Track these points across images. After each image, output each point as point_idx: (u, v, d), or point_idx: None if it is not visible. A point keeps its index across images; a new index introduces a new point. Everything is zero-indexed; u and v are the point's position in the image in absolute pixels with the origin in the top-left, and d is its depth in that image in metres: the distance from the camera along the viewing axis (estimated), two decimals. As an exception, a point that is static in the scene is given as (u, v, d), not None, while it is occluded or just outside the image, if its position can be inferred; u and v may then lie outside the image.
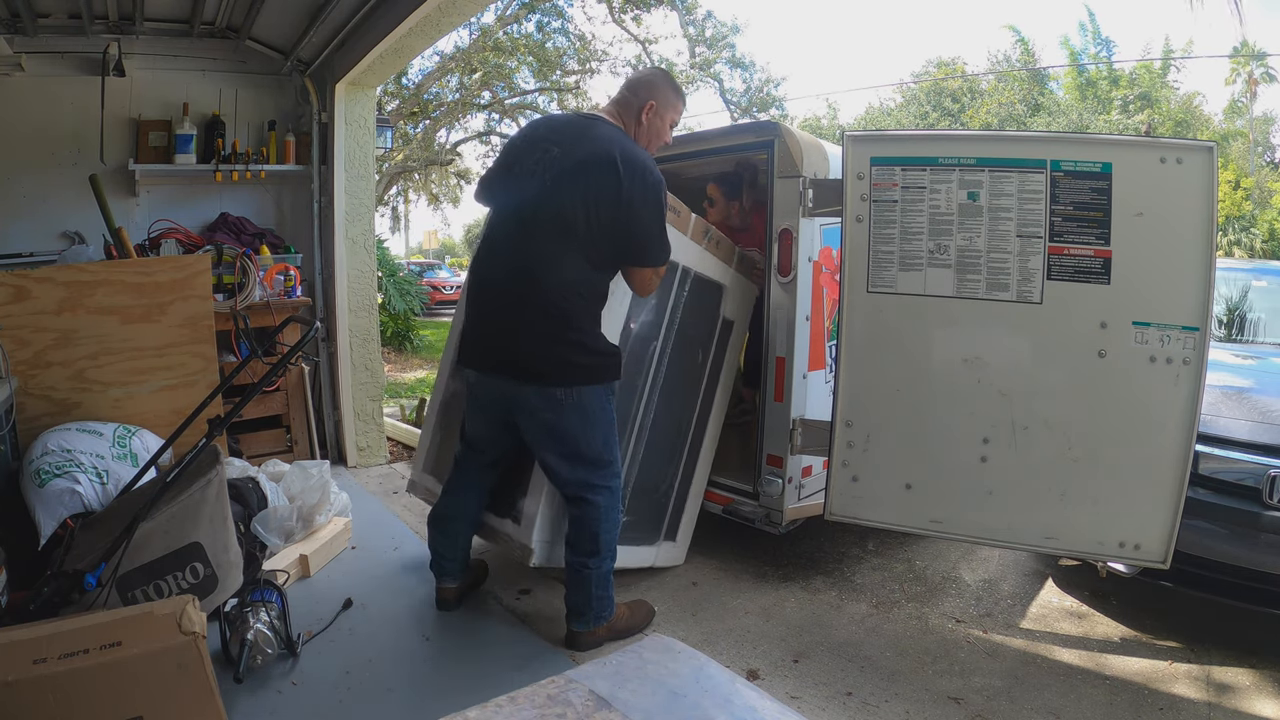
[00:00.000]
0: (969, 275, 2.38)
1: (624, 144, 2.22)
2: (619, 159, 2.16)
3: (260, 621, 2.26)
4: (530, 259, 2.22)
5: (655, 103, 2.34)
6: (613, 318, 2.55)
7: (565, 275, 2.20)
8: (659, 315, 2.81)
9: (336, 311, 4.36)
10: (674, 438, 2.98)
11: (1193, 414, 2.19)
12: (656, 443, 2.88)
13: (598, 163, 2.16)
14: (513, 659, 2.40)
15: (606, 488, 2.40)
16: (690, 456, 3.04)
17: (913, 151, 2.43)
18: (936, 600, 2.92)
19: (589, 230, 2.17)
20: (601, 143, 2.20)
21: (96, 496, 2.51)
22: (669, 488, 2.98)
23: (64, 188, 3.89)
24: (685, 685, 1.16)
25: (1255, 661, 2.44)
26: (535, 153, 2.27)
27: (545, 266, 2.20)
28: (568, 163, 2.19)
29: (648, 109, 2.34)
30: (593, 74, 13.19)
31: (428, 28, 3.54)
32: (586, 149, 2.20)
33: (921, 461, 2.50)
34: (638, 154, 2.22)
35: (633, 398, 2.77)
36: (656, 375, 2.83)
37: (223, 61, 4.29)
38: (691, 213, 2.87)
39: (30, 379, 2.94)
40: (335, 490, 3.25)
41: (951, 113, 20.23)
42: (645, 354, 2.79)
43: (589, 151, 2.19)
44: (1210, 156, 2.16)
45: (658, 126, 2.37)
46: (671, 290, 2.83)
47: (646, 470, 2.86)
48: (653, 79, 2.44)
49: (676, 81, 2.56)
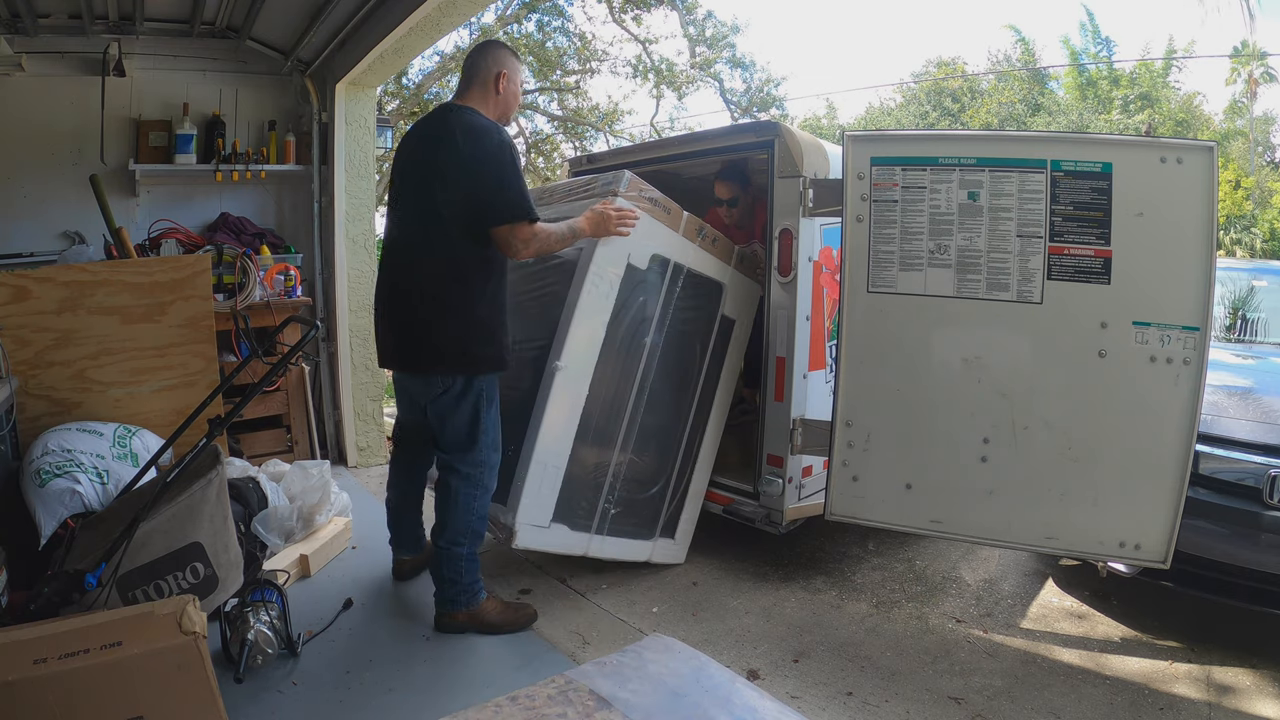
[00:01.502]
0: (969, 275, 2.38)
1: (466, 119, 2.37)
2: (458, 131, 2.32)
3: (261, 621, 2.26)
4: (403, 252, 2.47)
5: (505, 72, 2.49)
6: (598, 309, 2.66)
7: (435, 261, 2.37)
8: (649, 310, 2.84)
9: (337, 311, 4.36)
10: (670, 432, 2.99)
11: (1193, 414, 2.19)
12: (650, 435, 2.90)
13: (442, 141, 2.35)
14: (512, 659, 2.41)
15: (465, 474, 2.48)
16: (689, 453, 3.05)
17: (913, 151, 2.43)
18: (937, 600, 2.92)
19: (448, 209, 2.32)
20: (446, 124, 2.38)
21: (97, 496, 2.51)
22: (665, 483, 2.99)
23: (64, 188, 3.89)
24: (685, 685, 1.16)
25: (1256, 662, 2.44)
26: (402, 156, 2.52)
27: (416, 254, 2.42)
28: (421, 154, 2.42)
29: (500, 80, 2.48)
30: (593, 74, 13.17)
31: (428, 28, 3.54)
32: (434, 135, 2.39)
33: (922, 461, 2.50)
34: (478, 122, 2.37)
35: (627, 388, 2.81)
36: (649, 368, 2.86)
37: (223, 61, 4.29)
38: (684, 211, 2.89)
39: (31, 379, 2.94)
40: (335, 490, 3.25)
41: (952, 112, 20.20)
42: (637, 347, 2.82)
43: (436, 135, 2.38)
44: (1211, 156, 2.16)
45: (512, 92, 2.53)
46: (663, 285, 2.86)
47: (639, 461, 2.88)
48: (495, 51, 2.53)
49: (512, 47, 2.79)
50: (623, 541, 2.90)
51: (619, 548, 2.89)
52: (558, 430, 2.64)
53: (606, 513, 2.82)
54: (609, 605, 2.81)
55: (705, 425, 3.10)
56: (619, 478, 2.83)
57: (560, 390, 2.62)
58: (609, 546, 2.86)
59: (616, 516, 2.85)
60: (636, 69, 12.95)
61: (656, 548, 3.03)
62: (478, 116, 2.39)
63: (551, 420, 2.62)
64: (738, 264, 3.10)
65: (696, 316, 3.01)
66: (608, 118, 13.24)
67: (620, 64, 13.16)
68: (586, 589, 2.93)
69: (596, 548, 2.82)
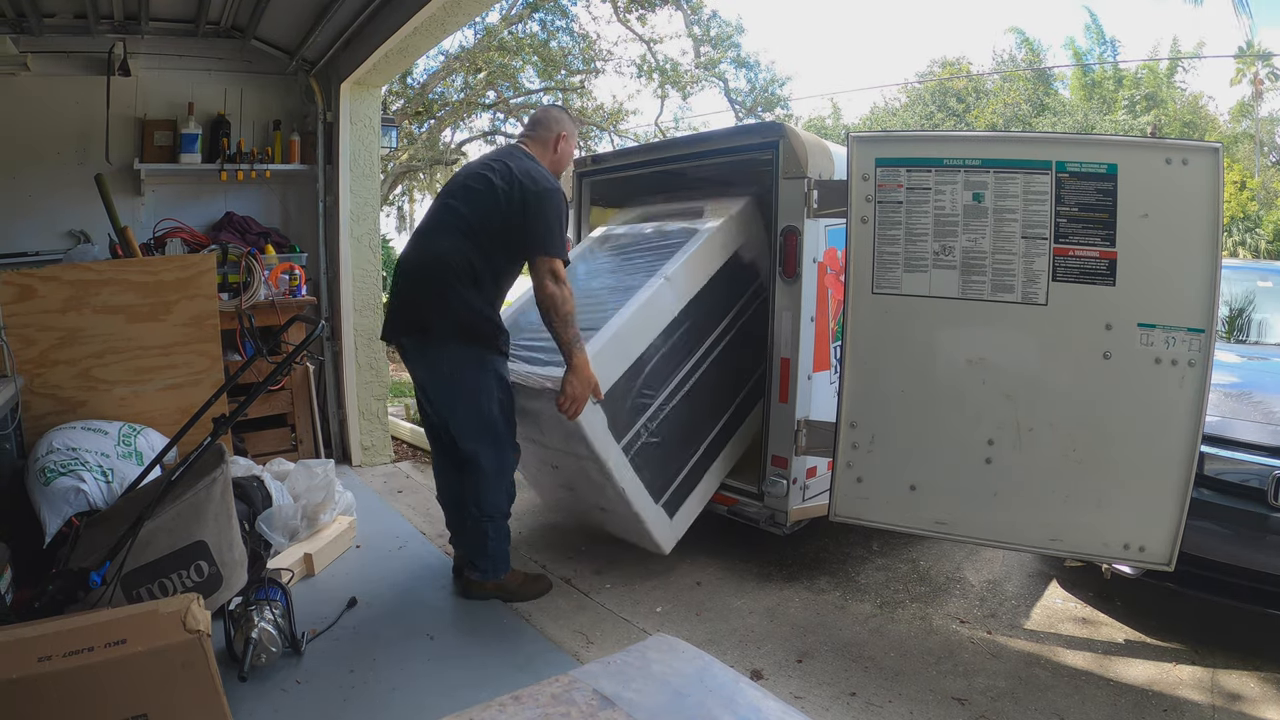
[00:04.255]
0: (974, 276, 2.37)
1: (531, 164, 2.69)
2: (522, 172, 2.62)
3: (265, 620, 2.26)
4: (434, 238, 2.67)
5: (566, 134, 2.83)
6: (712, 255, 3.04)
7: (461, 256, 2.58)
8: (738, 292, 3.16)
9: (341, 311, 4.37)
10: (707, 416, 3.09)
11: (1198, 416, 2.18)
12: (694, 404, 3.00)
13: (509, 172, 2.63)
14: (516, 658, 2.41)
15: (491, 456, 2.66)
16: (711, 451, 3.08)
17: (918, 152, 2.43)
18: (941, 601, 2.91)
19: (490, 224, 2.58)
20: (514, 156, 2.72)
21: (101, 495, 2.52)
22: (687, 459, 3.01)
23: (69, 187, 3.91)
24: (689, 685, 1.16)
25: (1260, 664, 2.43)
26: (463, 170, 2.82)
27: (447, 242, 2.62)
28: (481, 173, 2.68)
29: (560, 139, 2.82)
30: (598, 74, 13.15)
31: (432, 28, 3.55)
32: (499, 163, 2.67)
33: (926, 463, 2.49)
34: (541, 170, 2.69)
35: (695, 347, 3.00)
36: (716, 344, 3.07)
37: (228, 61, 4.30)
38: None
39: (36, 377, 2.95)
40: (340, 489, 3.26)
41: (956, 113, 20.15)
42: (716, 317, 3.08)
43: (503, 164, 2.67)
44: (1216, 157, 2.15)
45: (566, 151, 2.85)
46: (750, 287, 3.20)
47: (676, 419, 2.94)
48: (564, 116, 2.91)
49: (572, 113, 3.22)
50: (637, 481, 2.80)
51: (631, 485, 2.78)
52: (635, 329, 2.78)
53: (638, 438, 2.81)
54: (613, 605, 2.81)
55: (731, 438, 3.15)
56: (657, 421, 2.88)
57: (656, 297, 2.83)
58: (626, 475, 2.76)
59: (644, 450, 2.81)
60: (641, 69, 12.94)
61: (657, 516, 2.91)
62: (545, 176, 2.68)
63: (636, 317, 2.78)
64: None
65: (761, 335, 3.08)
66: (612, 118, 13.23)
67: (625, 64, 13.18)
68: (590, 588, 2.93)
69: (617, 463, 2.74)
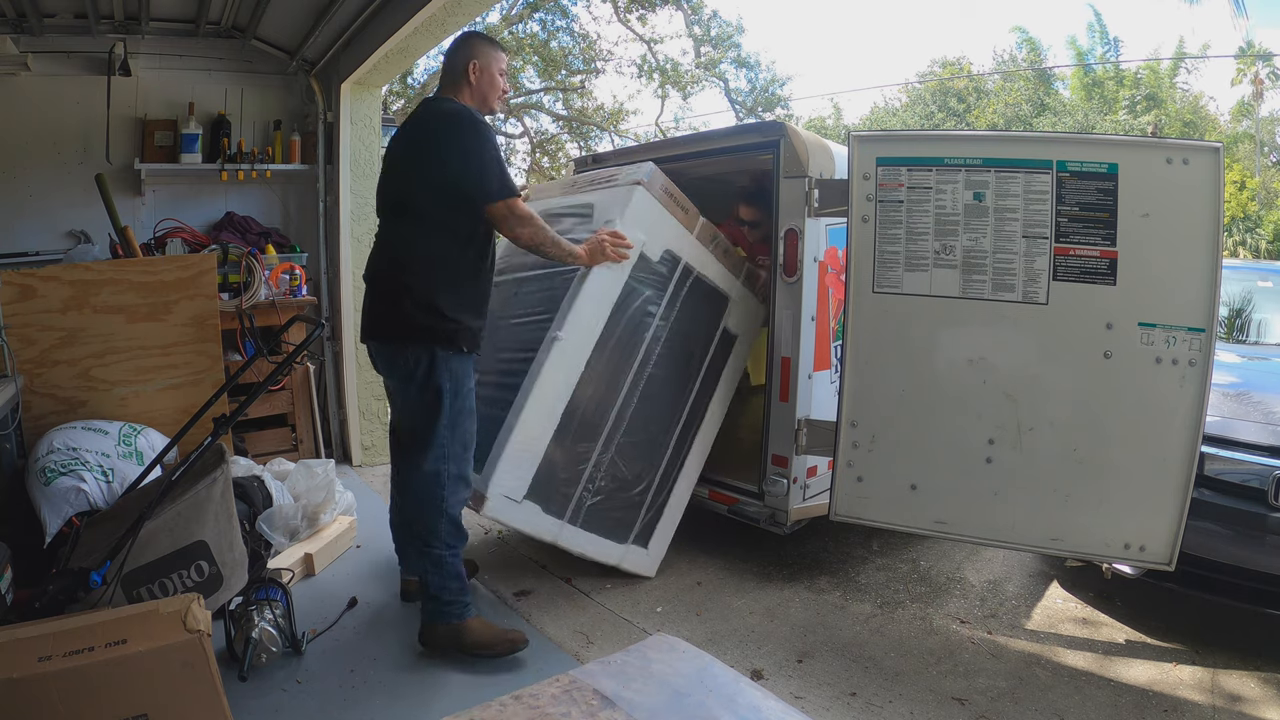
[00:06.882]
0: (974, 276, 2.37)
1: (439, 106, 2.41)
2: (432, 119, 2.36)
3: (265, 620, 2.26)
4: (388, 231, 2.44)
5: (476, 61, 2.43)
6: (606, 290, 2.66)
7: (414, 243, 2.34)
8: (653, 305, 2.83)
9: (342, 311, 4.37)
10: (658, 438, 2.94)
11: (1198, 415, 2.18)
12: (637, 436, 2.86)
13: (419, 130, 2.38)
14: (516, 658, 2.40)
15: (431, 469, 2.33)
16: (673, 463, 2.99)
17: (918, 152, 2.43)
18: (941, 601, 2.91)
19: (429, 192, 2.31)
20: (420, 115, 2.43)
21: (102, 495, 2.52)
22: (646, 488, 2.93)
23: (70, 187, 3.91)
24: (689, 685, 1.16)
25: (1260, 664, 2.43)
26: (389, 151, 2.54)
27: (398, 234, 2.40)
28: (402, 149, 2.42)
29: (471, 69, 2.42)
30: (598, 74, 13.19)
31: (433, 28, 3.54)
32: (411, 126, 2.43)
33: (926, 462, 2.49)
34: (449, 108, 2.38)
35: (620, 381, 2.78)
36: (644, 366, 2.84)
37: (228, 61, 4.30)
38: (700, 215, 2.88)
39: (36, 377, 2.96)
40: (340, 489, 3.26)
41: (957, 113, 20.13)
42: (636, 341, 2.80)
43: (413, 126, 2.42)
44: (1216, 157, 2.15)
45: (488, 79, 2.46)
46: (670, 284, 2.86)
47: (622, 460, 2.83)
48: (466, 41, 2.51)
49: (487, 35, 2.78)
50: (594, 538, 2.81)
51: (589, 543, 2.80)
52: (547, 403, 2.60)
53: (582, 504, 2.75)
54: (613, 605, 2.81)
55: (693, 438, 3.04)
56: (600, 472, 2.77)
57: (556, 361, 2.59)
58: (579, 540, 2.77)
59: (592, 510, 2.77)
60: (641, 69, 12.98)
61: (628, 554, 2.93)
62: (450, 103, 2.38)
63: (543, 390, 2.57)
64: (745, 280, 3.10)
65: (698, 324, 2.99)
66: (613, 118, 13.25)
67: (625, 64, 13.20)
68: (590, 589, 2.92)
69: (567, 538, 2.74)
